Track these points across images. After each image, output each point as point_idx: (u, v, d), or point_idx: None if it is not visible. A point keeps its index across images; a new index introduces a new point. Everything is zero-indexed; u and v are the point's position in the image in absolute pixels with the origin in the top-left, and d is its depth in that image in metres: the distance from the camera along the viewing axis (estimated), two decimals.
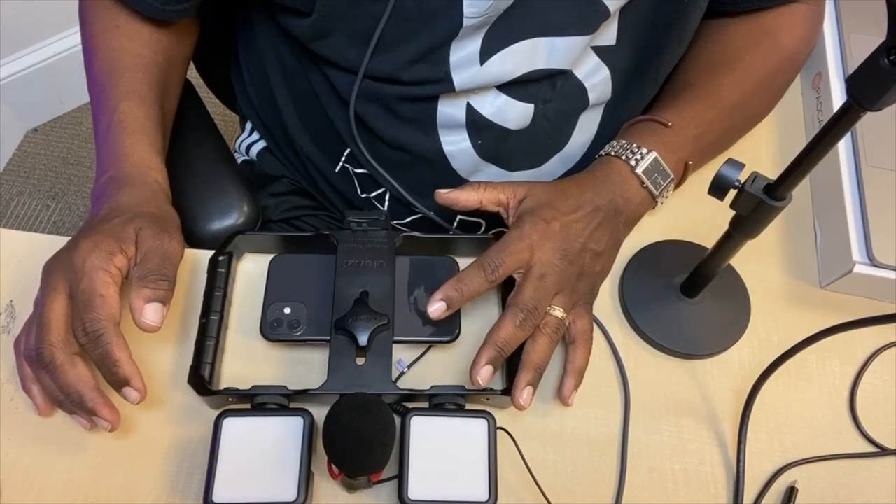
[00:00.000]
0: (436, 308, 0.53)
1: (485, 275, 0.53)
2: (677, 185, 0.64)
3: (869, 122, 0.54)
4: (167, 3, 0.62)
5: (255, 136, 0.85)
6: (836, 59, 0.73)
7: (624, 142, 0.62)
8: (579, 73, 0.63)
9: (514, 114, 0.64)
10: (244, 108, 0.84)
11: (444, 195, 0.59)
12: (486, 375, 0.52)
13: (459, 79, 0.61)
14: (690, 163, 0.63)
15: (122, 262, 0.50)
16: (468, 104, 0.64)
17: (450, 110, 0.64)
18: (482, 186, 0.59)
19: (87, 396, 0.49)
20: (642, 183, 0.61)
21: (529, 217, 0.56)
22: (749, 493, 0.55)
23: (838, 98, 0.70)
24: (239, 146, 0.87)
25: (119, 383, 0.49)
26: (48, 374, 0.49)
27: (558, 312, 0.55)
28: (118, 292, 0.49)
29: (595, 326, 0.59)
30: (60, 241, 0.62)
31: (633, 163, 0.60)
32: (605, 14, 0.59)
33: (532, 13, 0.58)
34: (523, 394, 0.53)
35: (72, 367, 0.49)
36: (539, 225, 0.56)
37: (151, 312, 0.49)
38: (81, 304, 0.48)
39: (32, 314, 0.52)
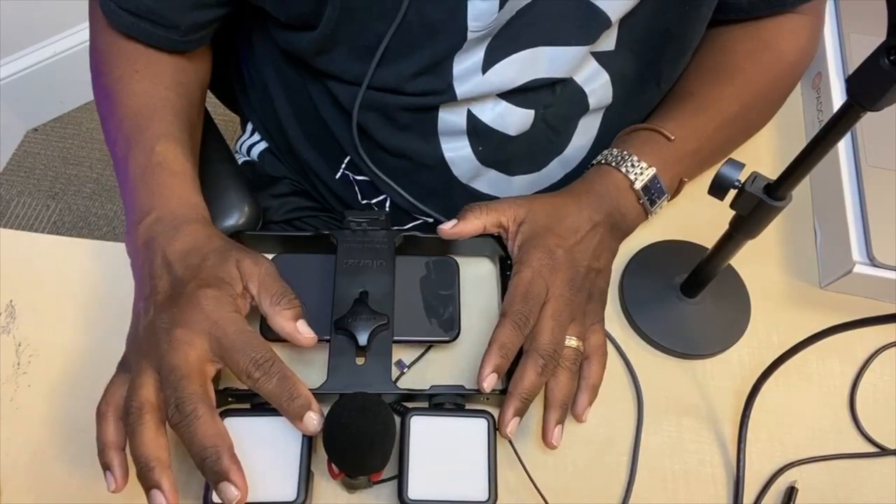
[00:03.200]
0: (489, 381, 0.51)
1: (520, 330, 0.52)
2: (671, 199, 0.64)
3: (869, 122, 0.54)
4: (186, 34, 0.62)
5: (256, 136, 0.85)
6: (836, 59, 0.73)
7: (625, 152, 0.61)
8: (579, 79, 0.63)
9: (514, 120, 0.64)
10: (245, 111, 0.84)
11: (449, 231, 0.58)
12: (513, 429, 0.52)
13: (461, 89, 0.61)
14: (686, 179, 0.63)
15: (242, 305, 0.51)
16: (469, 111, 0.64)
17: (451, 118, 0.64)
18: (482, 211, 0.58)
19: (226, 455, 0.45)
20: (639, 199, 0.61)
21: (534, 249, 0.56)
22: (749, 493, 0.55)
23: (838, 98, 0.70)
24: (240, 147, 0.87)
25: (303, 408, 0.47)
26: (184, 428, 0.45)
27: (574, 342, 0.54)
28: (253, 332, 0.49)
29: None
30: (60, 241, 0.63)
31: (632, 177, 0.60)
32: (606, 24, 0.59)
33: (534, 24, 0.58)
34: (554, 433, 0.53)
35: (214, 420, 0.46)
36: (545, 258, 0.55)
37: (304, 327, 0.51)
38: (237, 347, 0.47)
39: (132, 369, 0.48)
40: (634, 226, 0.63)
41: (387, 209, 0.75)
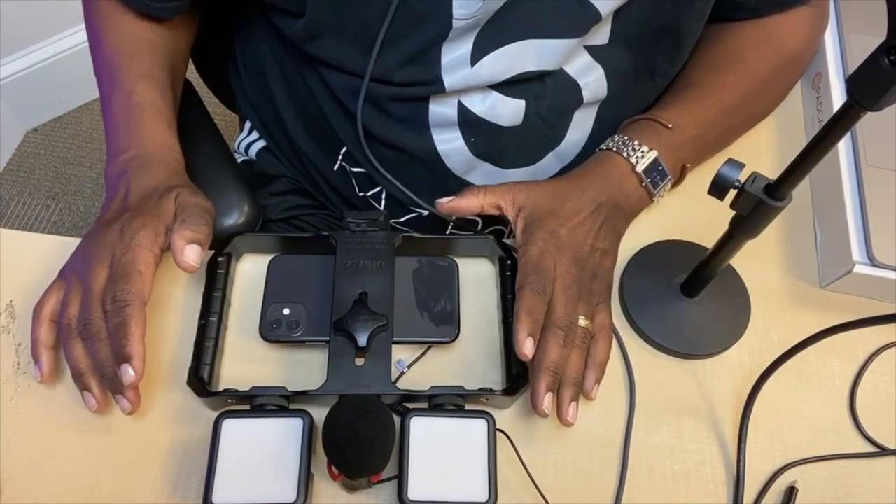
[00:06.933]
0: (528, 345, 0.51)
1: (540, 297, 0.53)
2: (674, 185, 0.64)
3: (869, 122, 0.54)
4: (156, 0, 0.63)
5: (255, 135, 0.85)
6: (836, 59, 0.73)
7: (626, 137, 0.62)
8: (571, 71, 0.63)
9: (505, 111, 0.64)
10: (243, 108, 0.84)
11: (446, 204, 0.60)
12: (548, 403, 0.52)
13: (450, 80, 0.61)
14: (689, 165, 0.64)
15: (164, 244, 0.53)
16: (459, 102, 0.64)
17: (441, 109, 0.64)
18: (482, 192, 0.60)
19: (118, 369, 0.50)
20: (641, 181, 0.61)
21: (538, 231, 0.57)
22: (749, 493, 0.55)
23: (838, 98, 0.70)
24: (238, 146, 0.87)
25: (122, 357, 0.49)
26: (90, 344, 0.50)
27: (582, 322, 0.55)
28: (153, 275, 0.52)
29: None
30: (60, 241, 0.63)
31: (633, 160, 0.61)
32: (595, 17, 0.59)
33: (522, 16, 0.58)
34: (569, 411, 0.53)
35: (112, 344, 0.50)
36: (550, 237, 0.56)
37: (191, 253, 0.52)
38: (119, 273, 0.50)
39: (66, 280, 0.53)
40: (639, 208, 0.63)
41: (383, 201, 0.75)
